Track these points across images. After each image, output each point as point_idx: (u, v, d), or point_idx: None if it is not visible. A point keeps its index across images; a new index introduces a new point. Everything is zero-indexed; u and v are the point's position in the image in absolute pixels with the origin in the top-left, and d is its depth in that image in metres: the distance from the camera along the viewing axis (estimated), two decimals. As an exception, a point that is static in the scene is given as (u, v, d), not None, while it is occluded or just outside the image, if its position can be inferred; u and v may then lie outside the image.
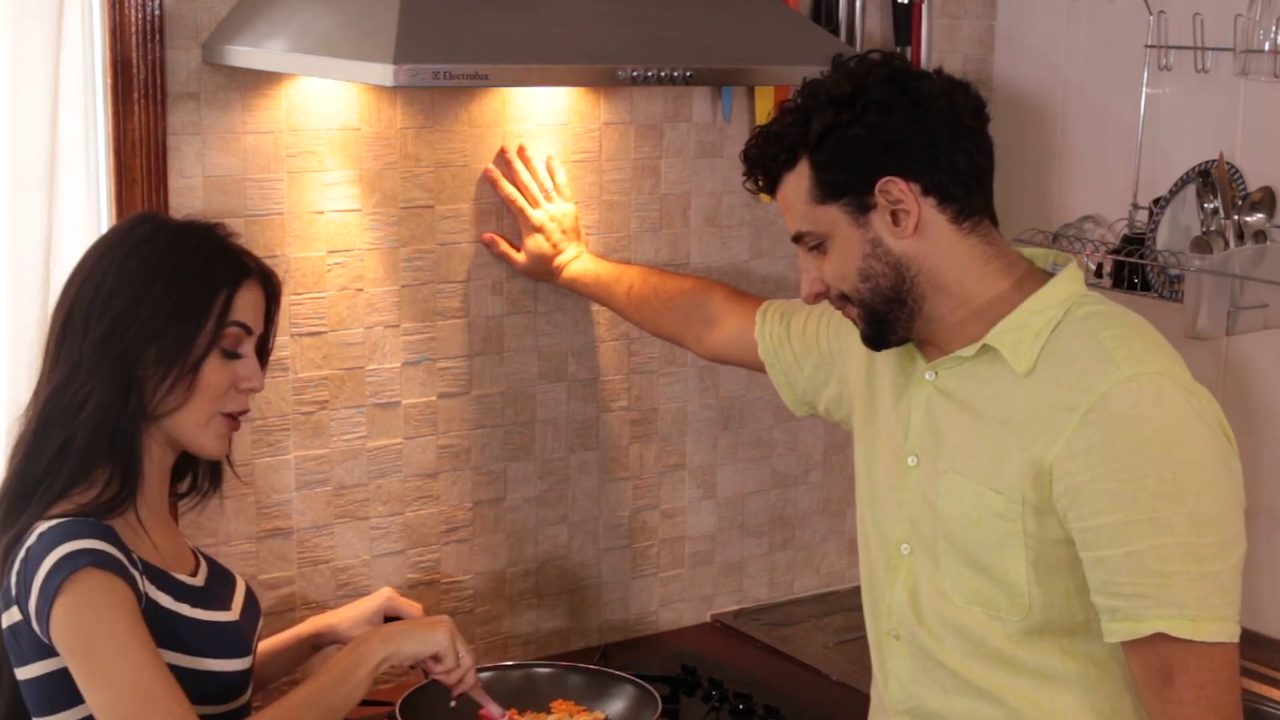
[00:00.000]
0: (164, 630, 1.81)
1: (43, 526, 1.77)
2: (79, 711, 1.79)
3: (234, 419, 1.92)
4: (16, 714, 1.85)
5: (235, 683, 1.90)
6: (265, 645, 2.17)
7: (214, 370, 1.87)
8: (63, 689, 1.78)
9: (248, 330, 1.90)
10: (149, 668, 1.73)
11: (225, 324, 1.86)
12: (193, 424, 1.88)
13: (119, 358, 1.82)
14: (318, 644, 2.22)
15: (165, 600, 1.84)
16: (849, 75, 1.83)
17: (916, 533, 1.91)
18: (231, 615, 1.94)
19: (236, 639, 1.92)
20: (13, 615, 1.79)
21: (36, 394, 1.88)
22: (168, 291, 1.84)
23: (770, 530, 3.04)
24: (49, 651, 1.77)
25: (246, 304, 1.89)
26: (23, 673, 1.80)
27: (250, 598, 2.04)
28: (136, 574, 1.79)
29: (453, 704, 2.27)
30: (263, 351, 1.97)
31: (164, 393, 1.84)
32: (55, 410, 1.83)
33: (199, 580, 1.95)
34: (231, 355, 1.88)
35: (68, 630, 1.73)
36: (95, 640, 1.72)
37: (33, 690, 1.81)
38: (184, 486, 2.03)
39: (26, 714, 1.84)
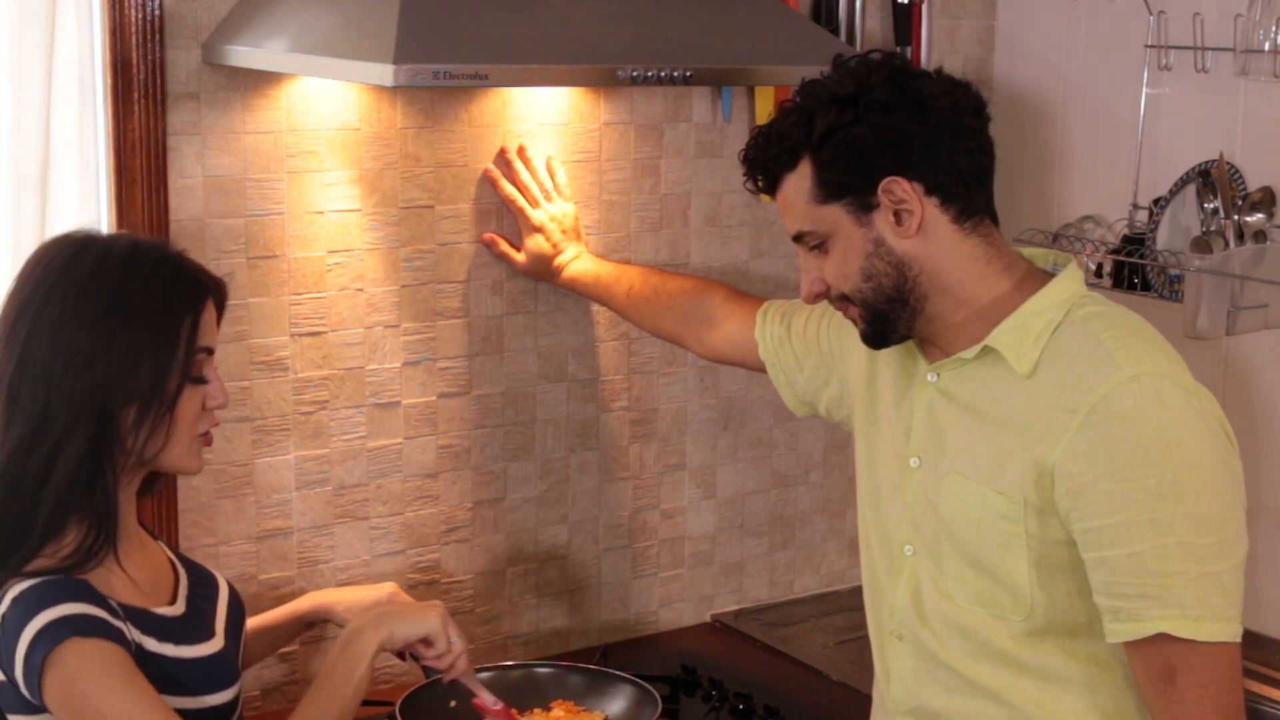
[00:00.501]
0: (153, 674, 1.76)
1: (15, 590, 1.71)
2: None
3: (207, 437, 1.87)
4: None
5: (226, 712, 1.88)
6: (259, 620, 2.14)
7: (187, 401, 1.80)
8: None
9: (209, 352, 1.84)
10: (156, 718, 1.70)
11: (193, 353, 1.79)
12: (176, 456, 1.82)
13: (91, 407, 1.74)
14: (312, 621, 2.20)
15: (151, 644, 1.79)
16: (851, 75, 1.82)
17: (919, 534, 1.91)
18: (215, 644, 1.89)
19: (223, 670, 1.88)
20: None
21: None
22: (133, 330, 1.75)
23: (770, 530, 3.04)
24: (38, 709, 1.73)
25: (207, 326, 1.83)
26: (14, 719, 1.77)
27: (233, 600, 2.00)
28: (121, 624, 1.74)
29: (452, 704, 2.27)
30: None
31: (144, 436, 1.77)
32: (25, 462, 1.74)
33: (179, 608, 1.89)
34: (199, 381, 1.82)
35: (68, 703, 1.69)
36: (99, 709, 1.68)
37: None
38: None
39: None
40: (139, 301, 1.76)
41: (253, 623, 2.10)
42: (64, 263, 1.78)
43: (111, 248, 1.80)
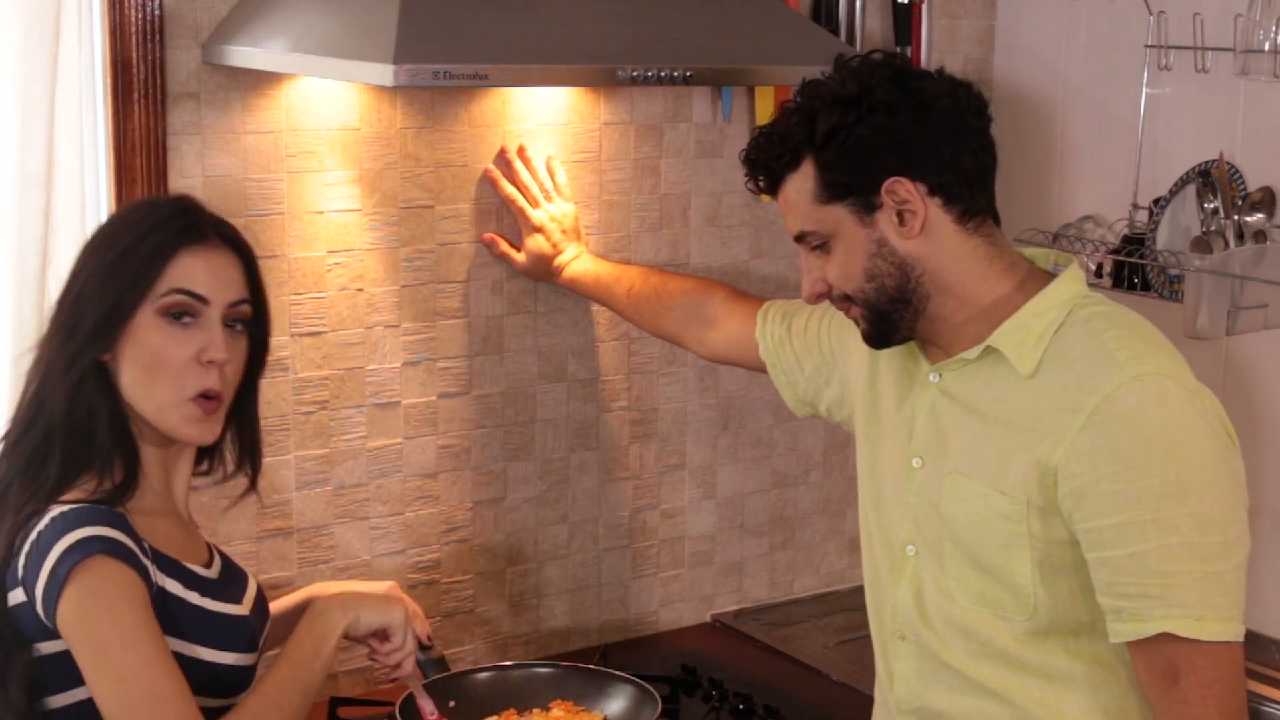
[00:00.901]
0: (168, 617, 1.79)
1: (55, 511, 1.76)
2: (73, 695, 1.78)
3: (206, 400, 1.83)
4: (24, 697, 1.82)
5: (236, 679, 1.88)
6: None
7: (154, 336, 1.81)
8: (56, 671, 1.77)
9: (198, 298, 1.82)
10: (158, 663, 1.72)
11: (155, 285, 1.80)
12: (157, 405, 1.82)
13: (73, 344, 1.81)
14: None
15: (174, 587, 1.82)
16: (853, 75, 1.82)
17: (921, 534, 1.91)
18: (242, 610, 1.93)
19: (244, 633, 1.91)
20: (17, 596, 1.77)
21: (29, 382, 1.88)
22: (99, 262, 1.83)
23: (770, 530, 3.04)
24: (49, 634, 1.75)
25: (192, 270, 1.82)
26: (30, 651, 1.79)
27: (261, 599, 2.03)
28: (148, 563, 1.78)
29: (451, 704, 2.27)
30: (260, 327, 1.93)
31: (117, 366, 1.82)
32: (31, 402, 1.84)
33: (212, 573, 1.93)
34: (179, 320, 1.81)
35: (76, 620, 1.71)
36: (103, 633, 1.71)
37: (40, 668, 1.78)
38: (203, 467, 1.98)
39: (33, 696, 1.82)
40: (118, 239, 1.84)
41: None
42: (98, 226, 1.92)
43: (129, 205, 1.96)
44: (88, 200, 2.30)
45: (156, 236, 1.83)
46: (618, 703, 2.33)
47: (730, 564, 3.00)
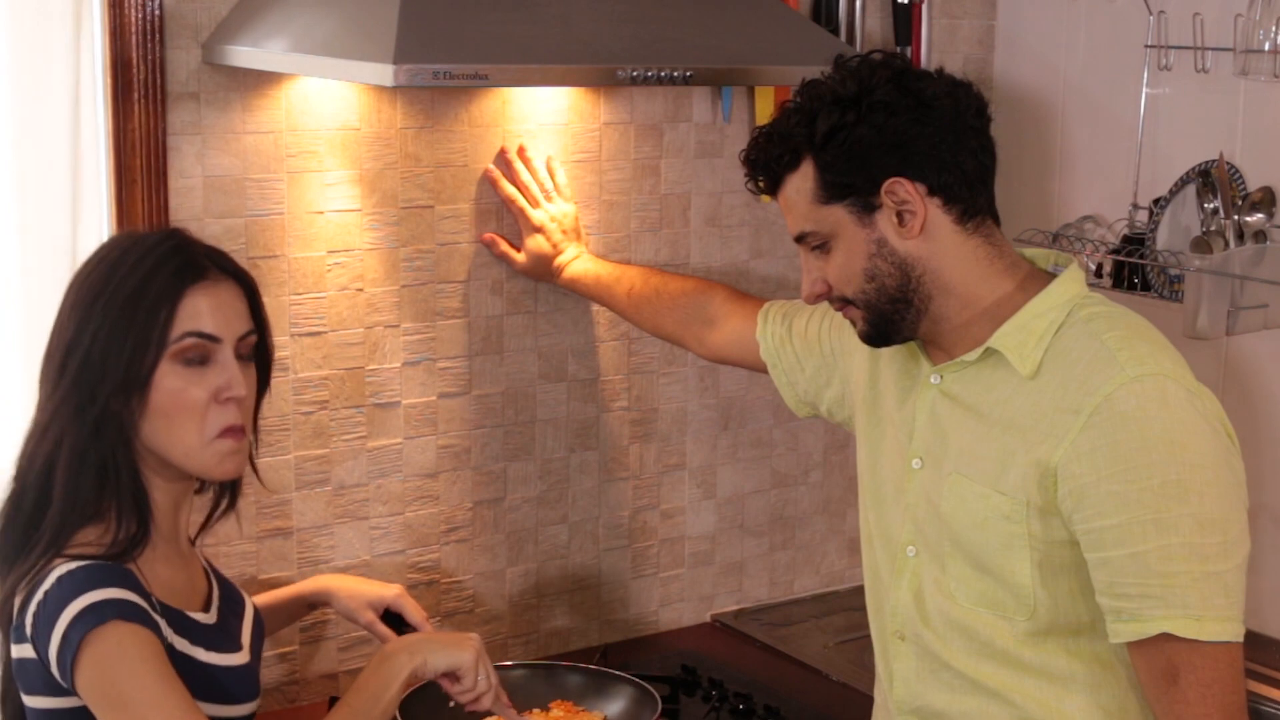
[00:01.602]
0: (182, 676, 1.76)
1: (62, 569, 1.73)
2: None
3: (232, 433, 1.81)
4: None
5: None
6: (262, 600, 2.16)
7: (173, 381, 1.78)
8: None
9: (209, 338, 1.79)
10: (186, 715, 1.70)
11: (169, 332, 1.77)
12: (184, 450, 1.80)
13: (80, 394, 1.76)
14: (314, 604, 2.23)
15: (182, 645, 1.81)
16: (853, 75, 1.82)
17: (921, 535, 1.91)
18: (242, 657, 1.91)
19: (247, 682, 1.90)
20: (24, 650, 1.76)
21: (33, 424, 1.83)
22: (105, 313, 1.76)
23: (770, 530, 3.04)
24: (62, 691, 1.74)
25: (199, 310, 1.79)
26: (32, 701, 1.79)
27: (258, 620, 2.02)
28: (158, 618, 1.76)
29: (451, 704, 2.27)
30: (263, 353, 1.91)
31: (135, 417, 1.78)
32: (33, 456, 1.80)
33: (211, 616, 1.91)
34: (195, 363, 1.79)
35: (98, 685, 1.70)
36: (129, 695, 1.69)
37: (40, 718, 1.79)
38: (196, 485, 1.95)
39: None
40: (118, 287, 1.78)
41: (257, 600, 2.12)
42: (87, 262, 1.84)
43: (114, 243, 1.85)
44: (87, 201, 2.29)
45: (159, 280, 1.78)
46: (618, 703, 2.33)
47: (730, 564, 3.00)
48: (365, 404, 2.54)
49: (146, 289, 1.77)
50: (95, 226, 2.30)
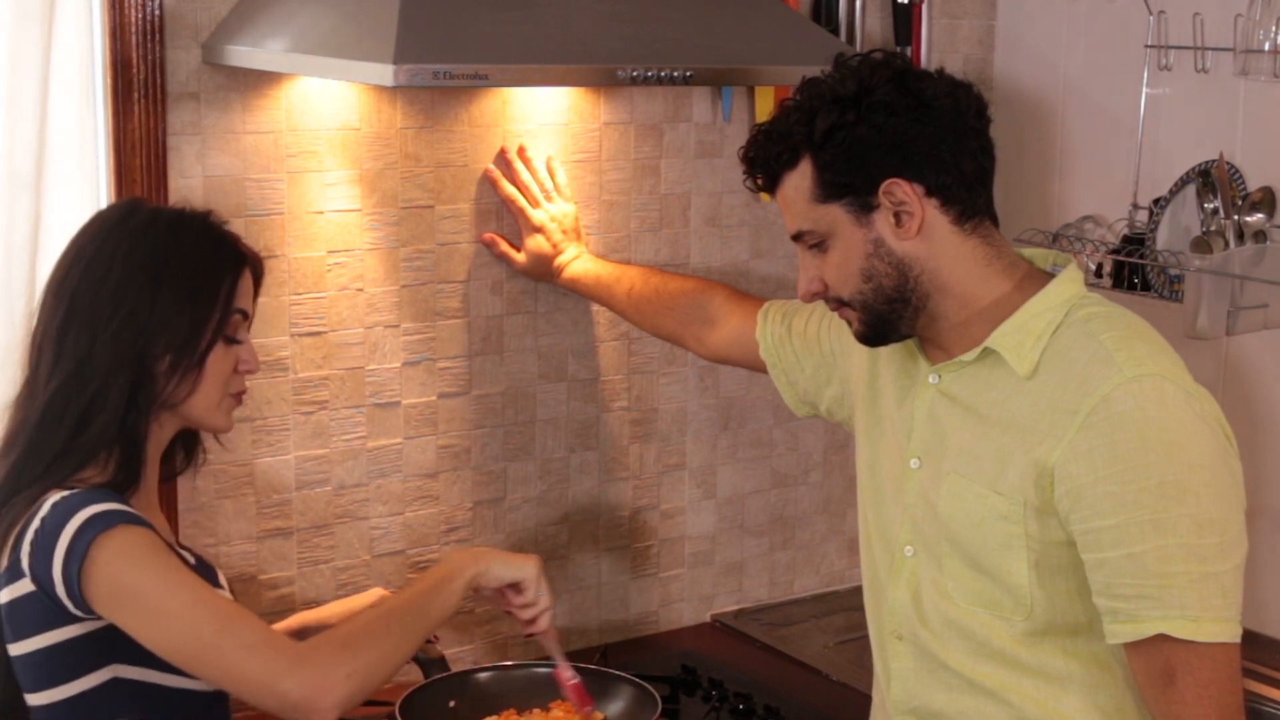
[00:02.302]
0: None
1: (55, 497, 1.77)
2: (85, 682, 1.79)
3: (238, 396, 1.95)
4: (12, 696, 1.85)
5: None
6: (326, 612, 2.19)
7: (218, 358, 1.88)
8: (71, 659, 1.78)
9: (245, 315, 1.92)
10: (208, 595, 1.75)
11: (229, 312, 1.88)
12: (204, 408, 1.89)
13: (132, 351, 1.82)
14: (303, 636, 2.22)
15: None
16: (853, 75, 1.82)
17: (919, 535, 1.91)
18: (225, 595, 1.95)
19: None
20: (18, 589, 1.78)
21: (34, 383, 1.86)
22: (177, 284, 1.84)
23: (770, 530, 3.04)
24: (62, 619, 1.76)
25: (245, 290, 1.92)
26: (25, 645, 1.80)
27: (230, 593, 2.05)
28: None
29: (452, 704, 2.27)
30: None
31: (174, 384, 1.85)
32: (67, 400, 1.82)
33: (190, 558, 1.95)
34: (232, 341, 1.90)
35: (112, 584, 1.72)
36: (145, 586, 1.73)
37: (37, 662, 1.80)
38: (181, 466, 2.04)
39: (18, 694, 1.84)
40: (183, 260, 1.87)
41: (317, 615, 2.18)
42: (117, 221, 1.89)
43: (161, 211, 1.93)
44: (87, 201, 2.29)
45: (223, 259, 1.90)
46: (618, 703, 2.33)
47: (730, 564, 3.00)
48: (365, 404, 2.54)
49: (216, 261, 1.89)
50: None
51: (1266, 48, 2.57)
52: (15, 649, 1.81)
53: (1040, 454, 1.75)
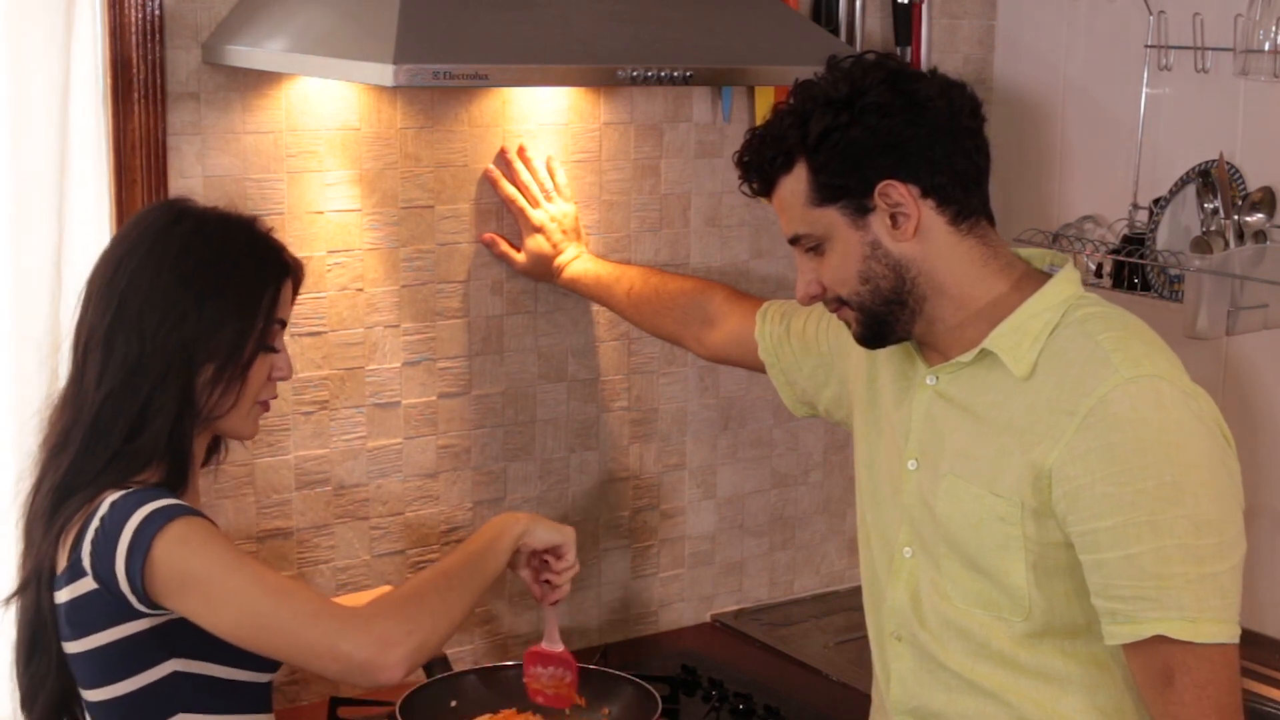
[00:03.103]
0: None
1: (113, 496, 1.78)
2: (147, 676, 1.81)
3: (265, 404, 1.95)
4: (65, 694, 1.87)
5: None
6: None
7: (258, 368, 1.89)
8: (134, 654, 1.80)
9: (283, 324, 1.93)
10: (266, 573, 1.77)
11: (271, 323, 1.89)
12: (236, 416, 1.90)
13: (179, 360, 1.82)
14: None
15: None
16: (846, 77, 1.82)
17: (917, 536, 1.91)
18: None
19: None
20: (80, 588, 1.79)
21: (80, 384, 1.86)
22: (224, 295, 1.84)
23: (770, 530, 3.04)
24: (126, 615, 1.78)
25: (286, 299, 1.92)
26: (86, 643, 1.81)
27: None
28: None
29: (452, 704, 2.27)
30: None
31: (218, 395, 1.85)
32: (121, 404, 1.82)
33: None
34: (270, 350, 1.90)
35: (174, 573, 1.73)
36: (205, 570, 1.74)
37: (98, 659, 1.81)
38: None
39: (73, 690, 1.86)
40: (231, 268, 1.87)
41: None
42: (164, 225, 1.88)
43: (208, 216, 1.91)
44: (87, 200, 2.29)
45: (270, 269, 1.89)
46: (618, 703, 2.33)
47: (730, 564, 3.00)
48: (365, 404, 2.54)
49: (262, 272, 1.88)
50: (97, 226, 2.29)
51: (1266, 48, 2.57)
52: (75, 646, 1.82)
53: (1037, 455, 1.75)
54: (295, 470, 2.50)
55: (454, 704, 2.28)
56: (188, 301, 1.83)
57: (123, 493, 1.78)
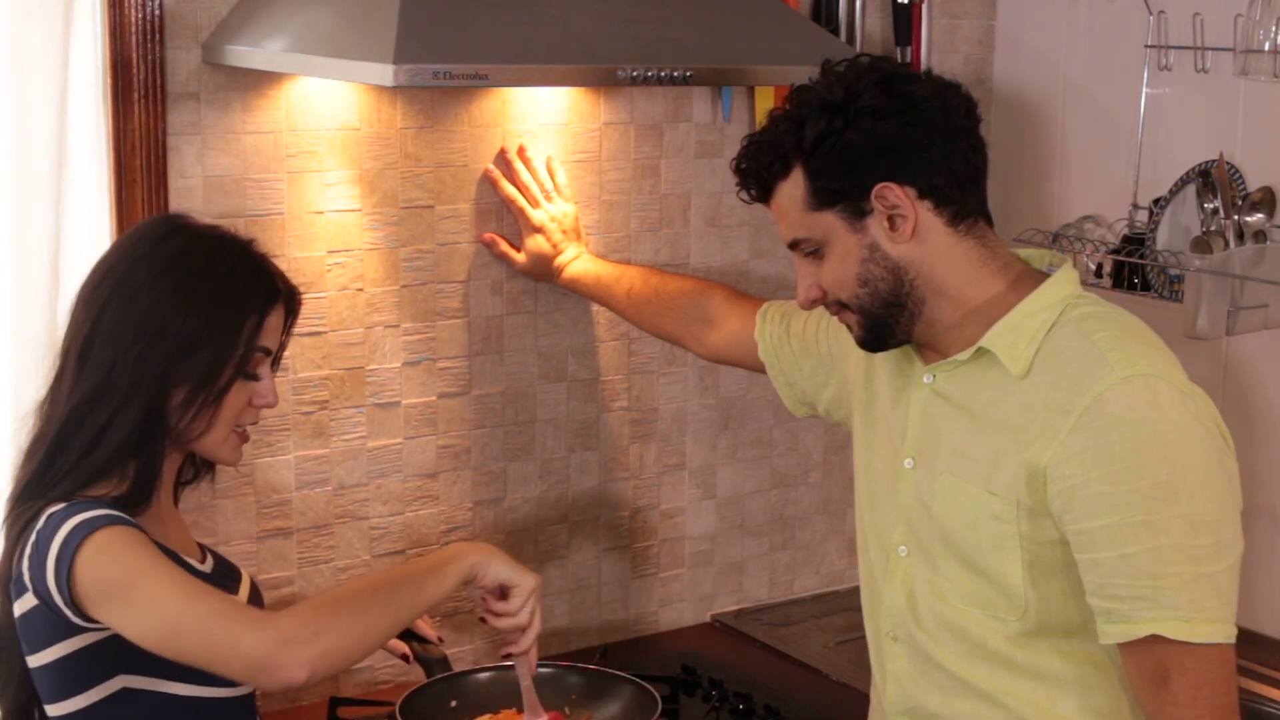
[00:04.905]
0: None
1: (50, 509, 1.76)
2: (96, 693, 1.79)
3: (243, 434, 1.92)
4: (26, 704, 1.85)
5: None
6: None
7: (235, 395, 1.85)
8: (80, 671, 1.78)
9: (268, 353, 1.89)
10: (181, 578, 1.73)
11: (252, 350, 1.85)
12: (211, 441, 1.87)
13: (151, 375, 1.79)
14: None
15: None
16: (840, 80, 1.82)
17: (913, 535, 1.91)
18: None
19: None
20: (26, 603, 1.78)
21: (57, 391, 1.85)
22: (204, 314, 1.81)
23: (770, 530, 3.04)
24: (67, 631, 1.76)
25: (272, 327, 1.88)
26: (39, 659, 1.80)
27: (255, 593, 2.04)
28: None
29: (453, 704, 2.27)
30: (274, 362, 1.95)
31: (189, 419, 1.82)
32: (84, 417, 1.80)
33: (207, 566, 1.95)
34: (251, 377, 1.87)
35: (93, 578, 1.71)
36: (122, 577, 1.71)
37: (50, 675, 1.80)
38: (188, 475, 2.02)
39: (36, 703, 1.84)
40: (214, 289, 1.83)
41: None
42: (157, 239, 1.86)
43: (202, 233, 1.89)
44: (87, 200, 2.29)
45: (258, 294, 1.86)
46: (618, 703, 2.33)
47: (730, 564, 3.00)
48: (365, 404, 2.55)
49: (246, 297, 1.85)
50: (97, 227, 2.30)
51: (1266, 48, 2.57)
52: (33, 660, 1.81)
53: (1033, 454, 1.75)
54: (295, 470, 2.50)
55: (454, 704, 2.28)
56: (165, 318, 1.80)
57: (60, 506, 1.76)
